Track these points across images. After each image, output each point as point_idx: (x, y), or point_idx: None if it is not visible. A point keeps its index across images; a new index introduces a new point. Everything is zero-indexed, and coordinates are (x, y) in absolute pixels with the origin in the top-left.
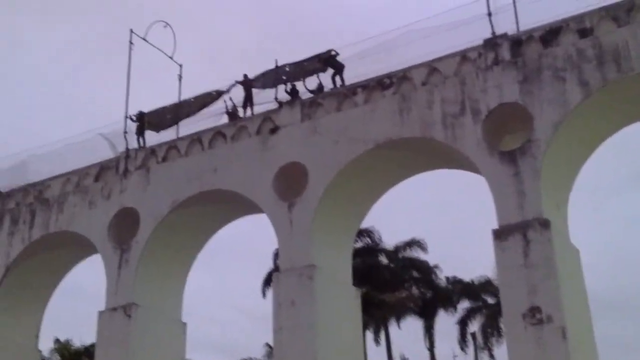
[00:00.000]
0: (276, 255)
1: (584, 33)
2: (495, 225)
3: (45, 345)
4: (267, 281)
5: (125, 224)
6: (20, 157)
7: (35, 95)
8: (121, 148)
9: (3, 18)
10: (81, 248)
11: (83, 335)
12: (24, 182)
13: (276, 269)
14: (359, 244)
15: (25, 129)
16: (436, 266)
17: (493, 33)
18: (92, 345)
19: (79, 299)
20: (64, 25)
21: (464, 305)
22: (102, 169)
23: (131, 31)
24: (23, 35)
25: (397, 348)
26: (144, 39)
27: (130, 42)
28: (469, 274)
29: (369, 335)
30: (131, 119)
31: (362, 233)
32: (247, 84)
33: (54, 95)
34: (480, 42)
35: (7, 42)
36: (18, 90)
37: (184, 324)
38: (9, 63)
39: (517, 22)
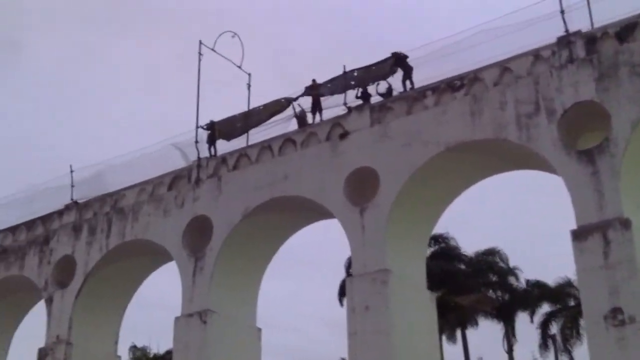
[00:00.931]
0: (349, 263)
1: None
2: (574, 226)
3: (120, 351)
4: (343, 290)
5: (198, 232)
6: (97, 168)
7: (110, 108)
8: (193, 157)
9: (80, 35)
10: (156, 256)
11: (152, 343)
12: (101, 192)
13: (349, 276)
14: (434, 248)
15: (101, 141)
16: (516, 267)
17: (566, 30)
18: (169, 352)
19: (147, 307)
20: (136, 39)
21: (543, 307)
22: (175, 178)
23: (200, 42)
24: (99, 51)
25: (474, 352)
26: (212, 50)
27: (200, 53)
28: (547, 276)
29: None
30: (202, 128)
31: (437, 239)
32: (315, 89)
33: (129, 107)
34: (553, 40)
35: (84, 58)
36: (94, 104)
37: (259, 330)
38: (89, 79)
39: (591, 19)
